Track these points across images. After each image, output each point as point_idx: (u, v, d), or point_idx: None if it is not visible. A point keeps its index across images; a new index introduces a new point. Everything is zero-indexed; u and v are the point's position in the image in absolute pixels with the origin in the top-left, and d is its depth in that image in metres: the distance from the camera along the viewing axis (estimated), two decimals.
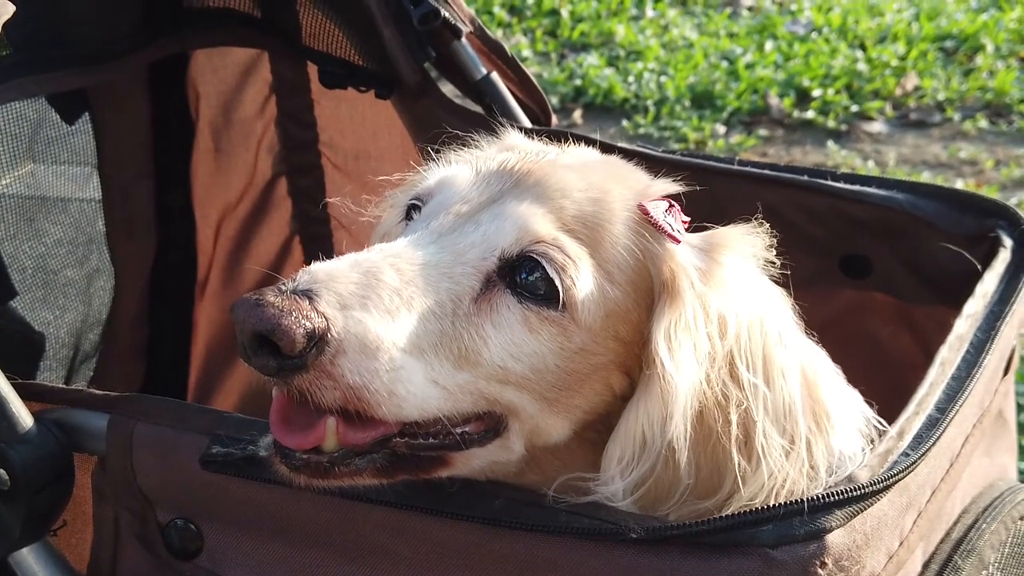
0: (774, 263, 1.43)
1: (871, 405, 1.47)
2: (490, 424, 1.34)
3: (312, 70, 2.30)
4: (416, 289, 1.27)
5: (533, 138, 1.63)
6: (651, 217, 1.40)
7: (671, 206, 1.43)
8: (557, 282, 1.32)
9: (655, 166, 1.58)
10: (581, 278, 1.33)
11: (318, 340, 1.18)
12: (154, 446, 1.40)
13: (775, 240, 1.46)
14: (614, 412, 1.38)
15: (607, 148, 1.76)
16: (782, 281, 1.46)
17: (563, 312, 1.32)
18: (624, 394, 1.38)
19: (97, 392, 1.48)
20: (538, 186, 1.38)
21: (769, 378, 1.35)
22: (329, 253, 2.45)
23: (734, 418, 1.32)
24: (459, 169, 1.45)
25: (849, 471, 1.29)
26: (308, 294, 1.19)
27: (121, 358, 2.39)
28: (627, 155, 1.67)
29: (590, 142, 1.71)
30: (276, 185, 2.42)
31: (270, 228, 2.44)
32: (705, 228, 1.46)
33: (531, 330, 1.32)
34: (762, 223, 1.44)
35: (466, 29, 2.07)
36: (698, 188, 1.52)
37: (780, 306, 1.42)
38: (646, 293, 1.38)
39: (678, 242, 1.39)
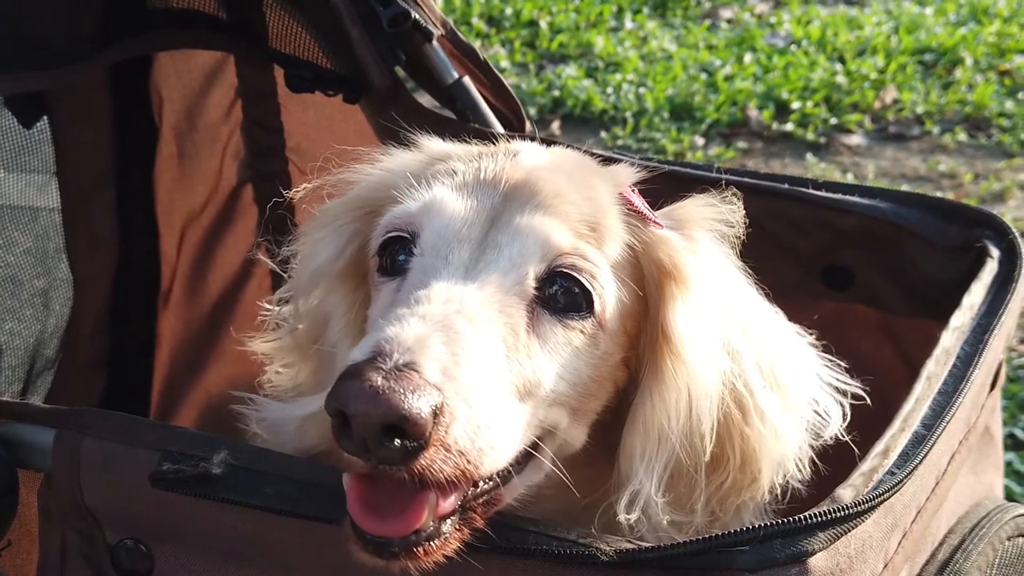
0: (732, 225, 1.44)
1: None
2: (527, 448, 1.30)
3: (279, 74, 2.24)
4: (484, 332, 1.22)
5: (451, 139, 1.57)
6: (635, 206, 1.40)
7: (634, 190, 1.45)
8: (592, 291, 1.31)
9: (654, 179, 1.53)
10: (606, 283, 1.33)
11: (437, 414, 1.12)
12: (102, 462, 1.34)
13: (756, 251, 1.46)
14: (612, 406, 1.39)
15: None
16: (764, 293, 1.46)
17: (593, 321, 1.32)
18: (624, 387, 1.38)
19: (43, 406, 1.42)
20: (535, 195, 1.35)
21: (755, 344, 1.37)
22: None
23: (742, 388, 1.33)
24: (441, 191, 1.37)
25: (831, 425, 1.37)
26: (412, 367, 1.12)
27: (80, 370, 2.32)
28: (606, 162, 1.63)
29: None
30: (242, 192, 2.36)
31: (236, 236, 2.37)
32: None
33: (571, 345, 1.31)
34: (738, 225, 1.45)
35: (437, 32, 2.01)
36: (653, 172, 1.53)
37: (740, 271, 1.44)
38: (640, 283, 1.37)
39: (661, 226, 1.40)
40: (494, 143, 1.50)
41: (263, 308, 1.61)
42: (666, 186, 1.53)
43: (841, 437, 1.40)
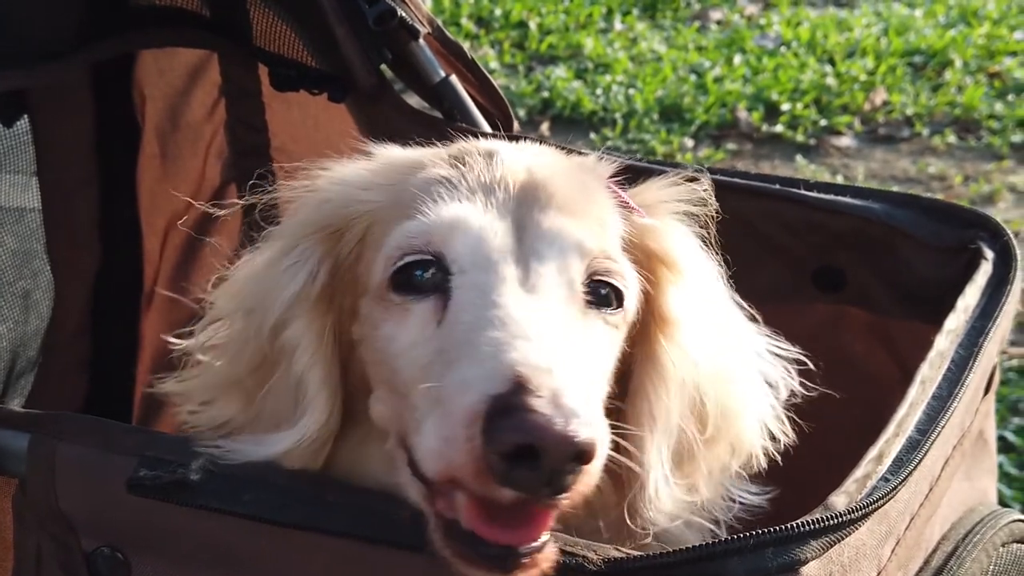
0: (701, 204, 1.45)
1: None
2: None
3: (263, 72, 2.20)
4: (573, 347, 1.21)
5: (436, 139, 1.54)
6: (623, 198, 1.41)
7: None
8: (624, 290, 1.32)
9: (621, 172, 1.51)
10: (630, 280, 1.33)
11: None
12: (78, 468, 1.30)
13: (747, 252, 1.45)
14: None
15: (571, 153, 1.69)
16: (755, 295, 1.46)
17: (623, 317, 1.33)
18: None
19: (17, 409, 1.38)
20: (551, 196, 1.33)
21: (726, 318, 1.42)
22: None
23: (725, 362, 1.38)
24: (458, 205, 1.31)
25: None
26: (563, 393, 1.09)
27: (62, 373, 2.29)
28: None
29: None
30: (225, 192, 2.31)
31: (219, 238, 2.33)
32: None
33: (610, 345, 1.32)
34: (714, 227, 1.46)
35: (424, 30, 1.98)
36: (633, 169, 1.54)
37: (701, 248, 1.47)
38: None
39: (644, 215, 1.41)
40: (452, 142, 1.46)
41: (172, 343, 1.51)
42: None
43: (793, 399, 1.44)
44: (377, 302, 1.32)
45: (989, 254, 1.59)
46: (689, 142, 5.12)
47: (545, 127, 5.29)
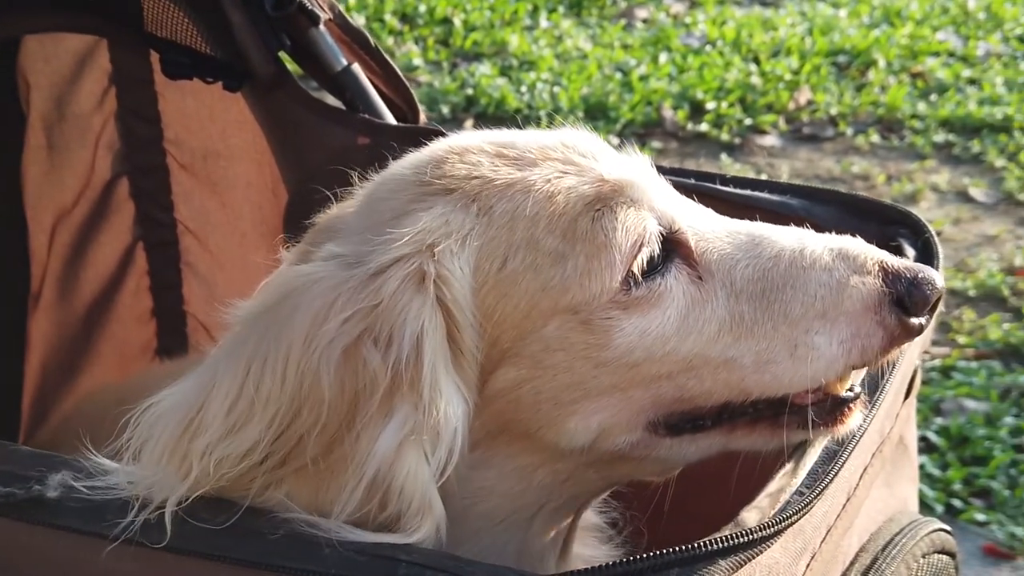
0: None
1: None
2: None
3: (155, 60, 2.08)
4: None
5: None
6: None
7: None
8: None
9: None
10: None
11: None
12: None
13: None
14: None
15: None
16: None
17: None
18: None
19: None
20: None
21: None
22: (175, 261, 2.25)
23: None
24: (633, 169, 1.35)
25: None
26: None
27: None
28: None
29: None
30: (116, 186, 2.20)
31: (110, 234, 2.21)
32: None
33: None
34: None
35: (324, 16, 1.88)
36: None
37: None
38: None
39: None
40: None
41: None
42: None
43: None
44: (608, 310, 1.21)
45: (910, 252, 1.53)
46: (614, 140, 5.05)
47: (469, 124, 5.21)
